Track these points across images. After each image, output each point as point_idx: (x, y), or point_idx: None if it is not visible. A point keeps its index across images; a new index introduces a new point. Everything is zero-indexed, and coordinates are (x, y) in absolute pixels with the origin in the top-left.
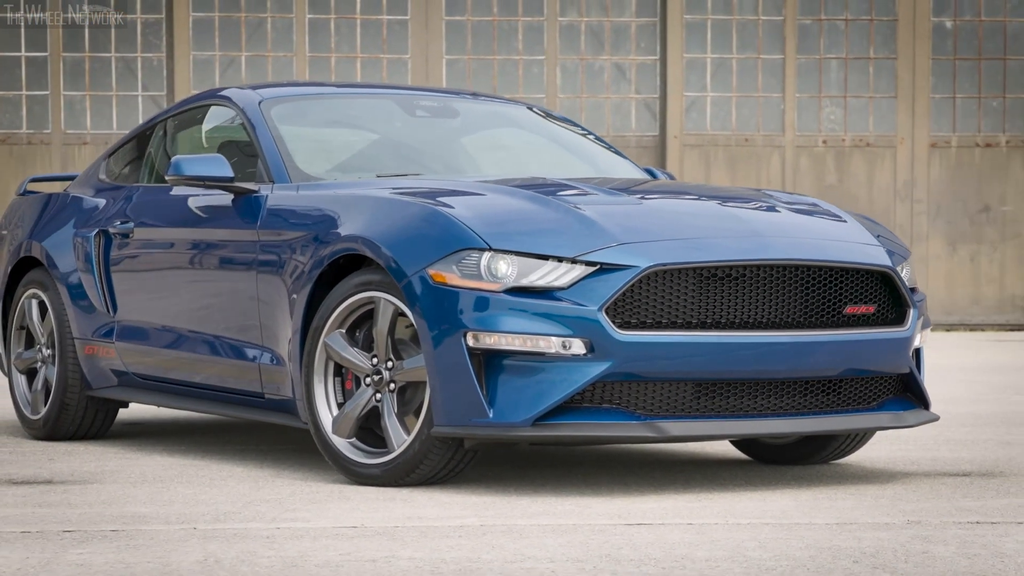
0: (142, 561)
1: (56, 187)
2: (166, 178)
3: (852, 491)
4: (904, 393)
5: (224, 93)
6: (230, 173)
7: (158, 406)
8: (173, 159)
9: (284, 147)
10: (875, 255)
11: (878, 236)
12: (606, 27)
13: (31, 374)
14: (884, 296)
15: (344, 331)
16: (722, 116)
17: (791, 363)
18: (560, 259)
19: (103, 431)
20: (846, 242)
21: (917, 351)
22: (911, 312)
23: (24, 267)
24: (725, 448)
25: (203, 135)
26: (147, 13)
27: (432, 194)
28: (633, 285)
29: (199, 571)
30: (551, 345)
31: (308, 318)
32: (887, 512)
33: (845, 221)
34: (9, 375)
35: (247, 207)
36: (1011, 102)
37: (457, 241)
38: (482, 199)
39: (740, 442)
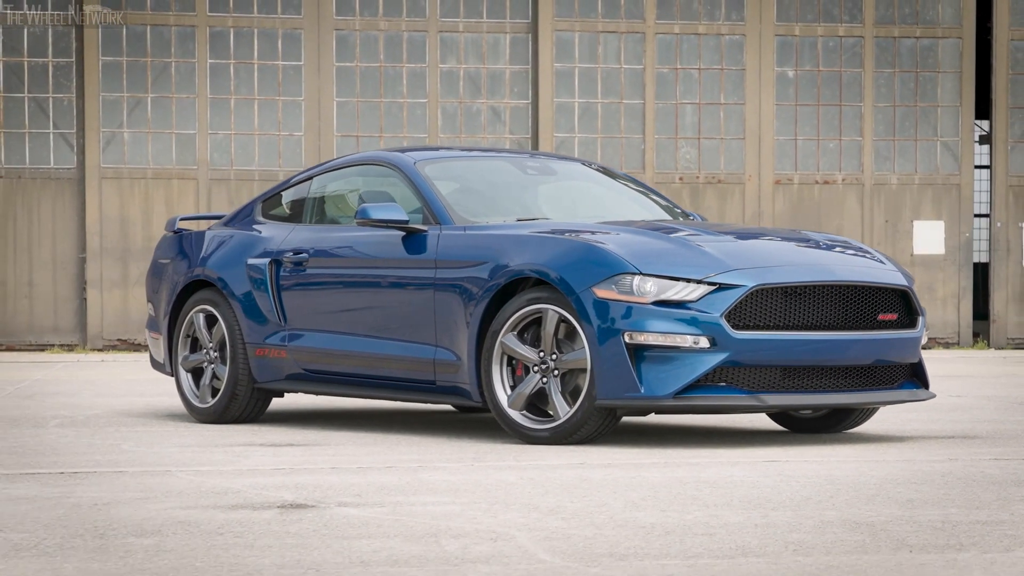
0: (473, 479)
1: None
2: (356, 221)
3: (887, 446)
4: (913, 377)
5: (379, 156)
6: (406, 217)
7: (319, 394)
8: (361, 206)
9: (443, 197)
10: (897, 278)
11: (893, 264)
12: (483, 73)
13: (195, 373)
14: (902, 307)
15: (516, 333)
16: (589, 155)
17: (843, 354)
18: (688, 280)
19: (259, 416)
20: (876, 268)
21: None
22: (920, 319)
23: (191, 288)
24: (761, 421)
25: (355, 187)
26: (58, 57)
27: (576, 232)
28: (743, 299)
29: (517, 482)
30: (685, 341)
31: (483, 325)
32: (929, 455)
33: (872, 254)
34: (176, 374)
35: (419, 243)
36: (846, 144)
37: (614, 268)
38: (620, 237)
39: (776, 415)
